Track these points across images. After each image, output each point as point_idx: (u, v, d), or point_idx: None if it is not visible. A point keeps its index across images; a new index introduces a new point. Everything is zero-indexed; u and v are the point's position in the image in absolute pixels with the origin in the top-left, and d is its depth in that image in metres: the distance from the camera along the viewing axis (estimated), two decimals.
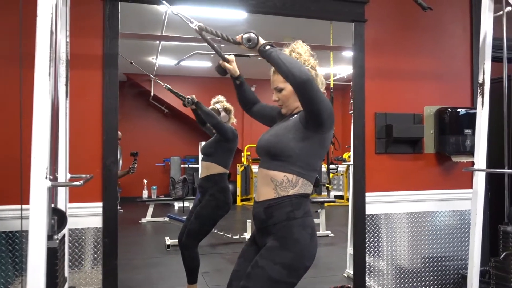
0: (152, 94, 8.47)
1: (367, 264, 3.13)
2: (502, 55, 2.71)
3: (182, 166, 9.07)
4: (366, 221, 3.13)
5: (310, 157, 1.71)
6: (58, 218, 1.72)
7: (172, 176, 8.24)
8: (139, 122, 9.30)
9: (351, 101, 3.27)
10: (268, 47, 1.64)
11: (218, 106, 3.43)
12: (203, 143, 7.49)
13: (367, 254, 3.13)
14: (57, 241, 1.66)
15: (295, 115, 1.79)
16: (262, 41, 1.66)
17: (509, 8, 2.66)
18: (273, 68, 1.78)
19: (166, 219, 6.32)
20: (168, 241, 5.22)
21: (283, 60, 1.60)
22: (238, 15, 4.07)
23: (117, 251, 2.65)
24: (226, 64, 1.98)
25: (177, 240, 5.14)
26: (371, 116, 3.16)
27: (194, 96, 3.36)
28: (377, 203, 3.16)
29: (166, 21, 4.97)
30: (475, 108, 3.19)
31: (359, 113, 3.12)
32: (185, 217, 5.85)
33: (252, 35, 1.64)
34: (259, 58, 1.90)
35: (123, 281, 3.26)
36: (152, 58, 7.21)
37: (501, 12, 2.64)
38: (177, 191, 6.84)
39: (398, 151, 3.21)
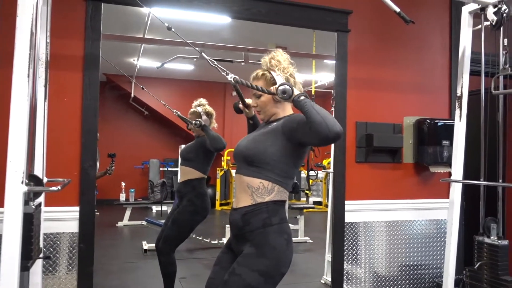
0: (132, 95, 8.35)
1: (345, 272, 3.15)
2: (480, 69, 2.79)
3: (161, 169, 8.96)
4: (345, 229, 3.15)
5: (287, 165, 1.73)
6: (34, 184, 1.67)
7: (150, 179, 8.12)
8: (118, 124, 9.15)
9: (332, 109, 3.30)
10: (302, 97, 1.64)
11: (199, 109, 3.39)
12: (182, 146, 7.45)
13: (345, 262, 3.15)
14: (33, 206, 1.62)
15: (274, 123, 1.80)
16: (296, 92, 1.68)
17: (486, 23, 2.73)
18: (253, 74, 1.83)
19: (144, 223, 6.23)
20: (145, 245, 5.14)
21: (317, 111, 1.58)
22: (222, 20, 4.07)
23: (93, 257, 2.59)
24: (245, 108, 2.09)
25: (154, 245, 5.11)
26: (352, 125, 3.20)
27: (201, 120, 3.27)
28: (356, 211, 3.19)
29: (148, 23, 4.92)
30: (453, 120, 3.27)
31: (340, 122, 3.12)
32: (163, 221, 5.80)
33: (287, 87, 1.66)
34: (242, 63, 1.93)
35: (98, 286, 3.19)
36: (134, 60, 7.13)
37: (479, 26, 2.71)
38: (155, 194, 6.75)
39: (378, 160, 3.25)
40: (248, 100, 2.06)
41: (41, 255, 2.04)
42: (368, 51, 3.29)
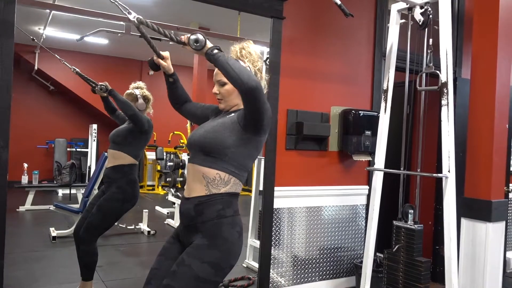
0: (35, 68, 7.59)
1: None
2: (402, 65, 2.99)
3: (68, 149, 8.33)
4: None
5: (244, 157, 1.69)
6: None
7: (57, 160, 7.50)
8: (18, 98, 8.21)
9: None
10: (216, 51, 1.57)
11: (137, 92, 3.18)
12: (94, 125, 7.00)
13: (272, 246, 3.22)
14: None
15: (233, 114, 1.75)
16: (209, 44, 1.58)
17: (404, 20, 2.92)
18: None
19: (51, 207, 5.74)
20: (53, 232, 4.76)
21: (231, 66, 1.55)
22: None
23: (4, 249, 2.31)
24: (160, 61, 1.87)
25: (63, 231, 4.75)
26: (283, 112, 3.23)
27: (107, 83, 3.08)
28: (282, 197, 3.26)
29: None
30: (374, 111, 3.47)
31: (273, 109, 3.15)
32: (74, 205, 5.39)
33: (200, 36, 1.55)
34: (170, 43, 1.81)
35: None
36: (39, 28, 6.45)
37: (403, 20, 2.88)
38: (63, 177, 6.23)
39: (306, 148, 3.34)
40: (165, 53, 1.89)
41: None
42: (301, 40, 3.33)
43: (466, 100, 3.07)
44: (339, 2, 2.35)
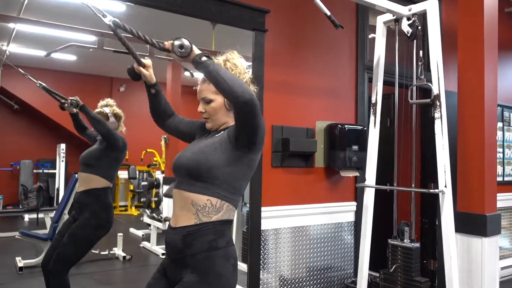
0: None
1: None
2: (388, 78, 2.93)
3: (34, 171, 7.89)
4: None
5: (237, 179, 1.52)
6: None
7: (23, 183, 7.07)
8: None
9: None
10: (204, 58, 1.38)
11: (107, 110, 2.97)
12: (62, 145, 6.67)
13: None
14: None
15: (222, 132, 1.58)
16: (196, 50, 1.40)
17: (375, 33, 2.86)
18: (203, 76, 1.55)
19: (17, 235, 5.37)
20: (20, 262, 4.41)
21: (223, 76, 1.37)
22: (115, 6, 3.58)
23: None
24: (142, 69, 1.67)
25: (31, 261, 4.41)
26: (268, 128, 3.10)
27: (78, 98, 2.86)
28: (269, 218, 3.10)
29: (26, 2, 4.21)
30: (360, 125, 3.39)
31: None
32: (42, 231, 5.04)
33: (186, 42, 1.37)
34: (146, 57, 1.66)
35: None
36: (2, 45, 6.13)
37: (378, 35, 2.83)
38: (30, 201, 5.84)
39: (292, 165, 3.21)
40: (147, 61, 1.69)
41: None
42: (284, 53, 3.23)
43: (451, 113, 3.02)
44: (328, 13, 2.26)
